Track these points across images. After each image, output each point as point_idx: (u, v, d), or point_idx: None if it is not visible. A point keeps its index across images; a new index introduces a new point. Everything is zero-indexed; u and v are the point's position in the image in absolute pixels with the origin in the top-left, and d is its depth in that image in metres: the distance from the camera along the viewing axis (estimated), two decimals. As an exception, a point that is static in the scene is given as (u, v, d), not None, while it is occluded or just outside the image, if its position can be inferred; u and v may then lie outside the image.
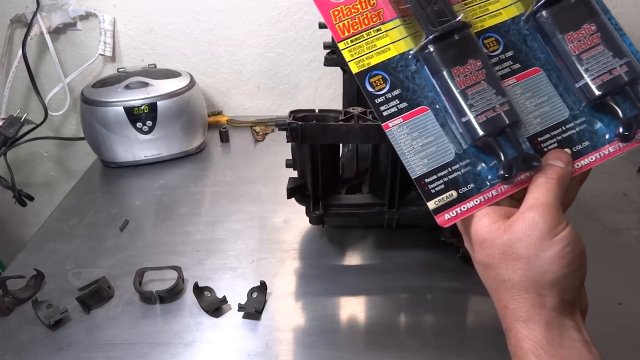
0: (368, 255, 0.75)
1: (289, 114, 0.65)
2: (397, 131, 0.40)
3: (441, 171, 0.39)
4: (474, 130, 0.38)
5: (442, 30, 0.38)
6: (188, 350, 0.59)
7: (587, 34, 0.39)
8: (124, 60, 1.16)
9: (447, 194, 0.39)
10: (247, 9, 1.10)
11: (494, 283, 0.37)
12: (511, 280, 0.36)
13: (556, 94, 0.40)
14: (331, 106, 1.18)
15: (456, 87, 0.38)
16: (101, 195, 0.93)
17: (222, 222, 0.82)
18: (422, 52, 0.39)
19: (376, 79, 0.40)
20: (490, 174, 0.39)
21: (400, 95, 0.40)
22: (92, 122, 0.96)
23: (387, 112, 0.40)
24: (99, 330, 0.62)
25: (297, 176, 0.72)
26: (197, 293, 0.65)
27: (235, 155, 1.07)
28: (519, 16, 0.41)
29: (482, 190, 0.39)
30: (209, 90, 1.20)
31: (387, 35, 0.41)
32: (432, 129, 0.40)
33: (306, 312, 0.65)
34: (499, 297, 0.37)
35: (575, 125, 0.40)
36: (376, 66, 0.40)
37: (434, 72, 0.39)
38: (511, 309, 0.36)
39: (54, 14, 1.08)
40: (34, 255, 0.75)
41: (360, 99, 0.81)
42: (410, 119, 0.40)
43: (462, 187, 0.39)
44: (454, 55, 0.38)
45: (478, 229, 0.38)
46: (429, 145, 0.39)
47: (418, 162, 0.39)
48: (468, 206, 0.39)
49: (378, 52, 0.40)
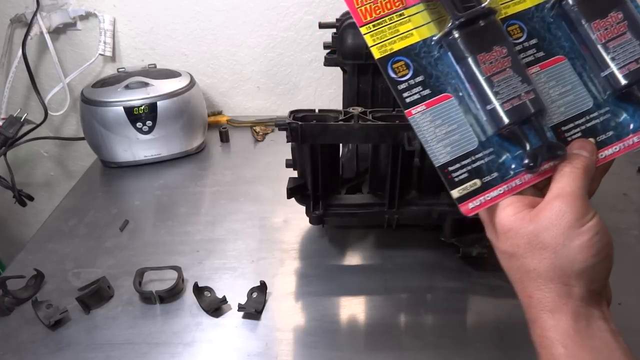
0: (368, 255, 0.74)
1: (289, 114, 0.65)
2: (420, 118, 0.39)
3: (464, 159, 0.39)
4: (499, 118, 0.37)
5: (468, 16, 0.38)
6: (188, 350, 0.59)
7: (613, 22, 0.38)
8: (124, 60, 1.16)
9: (470, 182, 0.38)
10: (247, 9, 1.10)
11: (518, 273, 0.37)
12: (537, 269, 0.35)
13: (580, 83, 0.40)
14: (331, 106, 1.17)
15: (482, 74, 0.38)
16: (101, 195, 0.93)
17: (222, 222, 0.82)
18: (447, 38, 0.39)
19: (399, 64, 0.40)
20: (514, 163, 0.39)
21: (423, 82, 0.39)
22: (92, 122, 0.96)
23: (410, 99, 0.39)
24: (98, 330, 0.62)
25: (297, 176, 0.72)
26: (197, 293, 0.65)
27: (235, 155, 1.07)
28: (543, 3, 0.41)
29: (506, 179, 0.38)
30: (209, 90, 1.20)
31: (410, 20, 0.40)
32: (456, 116, 0.39)
33: (306, 312, 0.65)
34: (524, 287, 0.37)
35: (599, 114, 0.40)
36: (399, 52, 0.40)
37: (459, 59, 0.39)
38: (536, 299, 0.36)
39: (54, 14, 1.08)
40: (33, 255, 0.75)
41: (360, 99, 0.81)
42: (434, 106, 0.39)
43: (486, 176, 0.38)
44: (479, 41, 0.38)
45: (502, 218, 0.37)
46: (453, 133, 0.39)
47: (441, 150, 0.39)
48: (492, 195, 0.38)
49: (401, 38, 0.40)
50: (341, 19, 0.80)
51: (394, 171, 0.66)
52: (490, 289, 0.67)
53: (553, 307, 0.35)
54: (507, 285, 0.67)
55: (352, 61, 0.78)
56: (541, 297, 0.36)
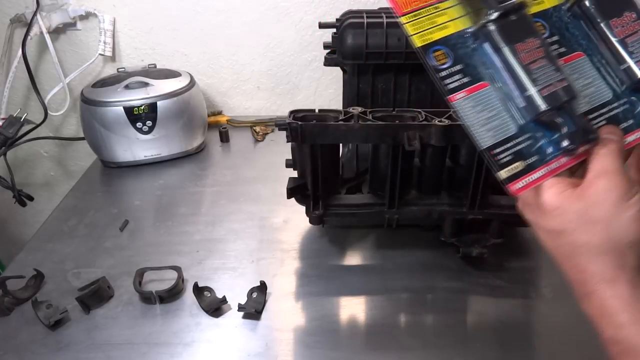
0: (368, 255, 0.74)
1: (289, 114, 0.65)
2: (463, 104, 0.41)
3: (507, 143, 0.41)
4: (537, 104, 0.39)
5: (504, 8, 0.40)
6: (187, 350, 0.59)
7: (629, 21, 0.42)
8: (124, 60, 1.16)
9: (514, 164, 0.40)
10: (247, 9, 1.10)
11: (569, 248, 0.38)
12: (590, 243, 0.37)
13: (599, 76, 0.43)
14: (331, 106, 1.18)
15: (520, 62, 0.40)
16: (101, 195, 0.93)
17: (222, 222, 0.82)
18: (484, 29, 0.41)
19: (439, 53, 0.42)
20: (551, 147, 0.41)
21: (462, 70, 0.41)
22: (92, 122, 0.96)
23: (451, 85, 0.41)
24: (98, 330, 0.62)
25: (297, 176, 0.72)
26: (196, 293, 0.65)
27: (235, 155, 1.07)
28: (559, 5, 0.44)
29: (545, 161, 0.40)
30: (209, 90, 1.20)
31: (445, 13, 0.42)
32: (494, 103, 0.41)
33: (306, 312, 0.65)
34: (576, 263, 0.38)
35: (619, 105, 0.42)
36: (438, 41, 0.42)
37: (497, 49, 0.41)
38: (591, 272, 0.37)
39: (53, 14, 1.08)
40: (33, 255, 0.75)
41: (360, 99, 0.81)
42: (473, 93, 0.41)
43: (527, 159, 0.40)
44: (515, 32, 0.40)
45: (549, 197, 0.39)
46: (493, 118, 0.41)
47: (485, 134, 0.40)
48: (535, 176, 0.40)
49: (439, 29, 0.42)
50: (341, 19, 0.79)
51: (394, 171, 0.66)
52: (490, 289, 0.67)
53: (610, 277, 0.36)
54: (507, 285, 0.68)
55: (352, 61, 0.78)
56: (596, 269, 0.37)
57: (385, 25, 0.75)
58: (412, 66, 0.78)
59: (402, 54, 0.76)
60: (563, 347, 0.59)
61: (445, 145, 0.64)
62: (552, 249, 0.40)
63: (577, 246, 0.38)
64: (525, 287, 0.68)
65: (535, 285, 0.69)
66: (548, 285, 0.68)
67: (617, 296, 0.36)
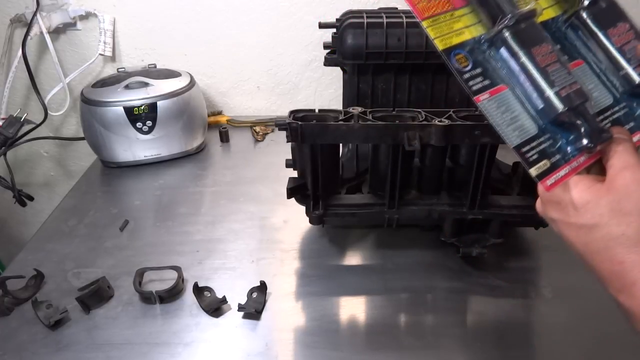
0: (368, 255, 0.74)
1: (289, 114, 0.65)
2: (488, 104, 0.42)
3: (531, 142, 0.42)
4: (557, 105, 0.41)
5: (520, 14, 0.42)
6: (187, 350, 0.59)
7: (623, 31, 0.44)
8: (124, 60, 1.16)
9: (542, 162, 0.41)
10: (247, 9, 1.10)
11: (603, 242, 0.38)
12: (625, 234, 0.37)
13: (600, 82, 0.45)
14: (331, 106, 1.18)
15: (537, 65, 0.41)
16: (101, 195, 0.93)
17: (222, 222, 0.82)
18: (500, 35, 0.42)
19: (460, 57, 0.43)
20: (569, 147, 0.42)
21: (482, 73, 0.43)
22: (92, 122, 0.96)
23: (475, 87, 0.42)
24: (98, 330, 0.62)
25: (297, 176, 0.72)
26: (197, 293, 0.65)
27: (235, 155, 1.07)
28: (557, 17, 0.46)
29: (567, 161, 0.42)
30: (209, 90, 1.20)
31: (460, 20, 0.44)
32: (514, 105, 0.43)
33: (306, 312, 0.65)
34: (612, 255, 0.38)
35: (619, 108, 0.45)
36: (457, 45, 0.43)
37: (514, 53, 0.42)
38: (630, 262, 0.37)
39: (53, 14, 1.08)
40: (33, 255, 0.75)
41: (360, 99, 0.81)
42: (495, 94, 0.42)
43: (552, 158, 0.42)
44: (530, 37, 0.42)
45: (578, 192, 0.39)
46: (516, 119, 0.42)
47: (512, 133, 0.42)
48: (561, 174, 0.41)
49: (456, 34, 0.43)
50: (341, 19, 0.80)
51: (394, 171, 0.66)
52: (490, 289, 0.67)
53: None
54: (507, 285, 0.68)
55: (352, 61, 0.78)
56: (635, 259, 0.36)
57: (385, 25, 0.75)
58: (412, 66, 0.78)
59: (402, 54, 0.76)
60: (563, 347, 0.59)
61: (445, 145, 0.64)
62: (582, 246, 0.40)
63: (612, 238, 0.37)
64: (525, 287, 0.68)
65: (535, 285, 0.69)
66: (548, 285, 0.68)
67: None
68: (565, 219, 0.41)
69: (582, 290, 0.65)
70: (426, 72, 0.79)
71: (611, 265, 0.38)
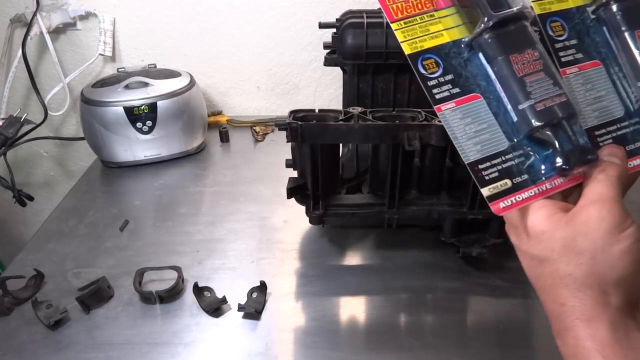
0: (368, 255, 0.74)
1: (289, 113, 0.65)
2: (450, 115, 0.39)
3: (495, 159, 0.38)
4: (530, 119, 0.37)
5: (501, 16, 0.38)
6: (187, 350, 0.59)
7: None
8: (124, 60, 1.16)
9: (501, 182, 0.38)
10: (247, 9, 1.10)
11: (550, 279, 0.35)
12: (572, 275, 0.34)
13: (613, 90, 0.40)
14: (331, 106, 1.18)
15: (514, 74, 0.38)
16: (101, 195, 0.93)
17: (222, 222, 0.82)
18: (479, 38, 0.39)
19: (429, 62, 0.40)
20: (544, 167, 0.38)
21: (452, 81, 0.40)
22: (92, 122, 0.96)
23: (440, 95, 0.39)
24: (98, 330, 0.62)
25: (297, 176, 0.72)
26: (197, 293, 0.65)
27: (235, 155, 1.07)
28: (584, 6, 0.41)
29: (537, 182, 0.38)
30: (209, 90, 1.20)
31: (440, 21, 0.40)
32: (485, 116, 0.39)
33: (306, 312, 0.65)
34: (555, 295, 0.35)
35: (629, 124, 0.40)
36: (429, 50, 0.40)
37: (491, 59, 0.39)
38: (570, 307, 0.34)
39: (53, 13, 1.08)
40: (33, 255, 0.75)
41: (360, 99, 0.81)
42: (463, 104, 0.39)
43: (516, 177, 0.38)
44: (511, 43, 0.38)
45: (536, 220, 0.36)
46: (482, 132, 0.39)
47: (471, 148, 0.38)
48: (523, 196, 0.38)
49: (431, 37, 0.40)
50: (341, 19, 0.79)
51: (394, 171, 0.66)
52: (490, 289, 0.67)
53: (590, 315, 0.33)
54: (507, 285, 0.68)
55: (352, 61, 0.78)
56: (576, 304, 0.34)
57: (385, 25, 0.75)
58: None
59: (402, 54, 0.76)
60: (563, 347, 0.59)
61: (445, 145, 0.64)
62: (532, 277, 0.37)
63: (559, 277, 0.35)
64: (525, 287, 0.68)
65: (535, 285, 0.69)
66: (548, 285, 0.68)
67: (595, 337, 0.33)
68: (520, 245, 0.38)
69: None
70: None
71: (553, 304, 0.35)
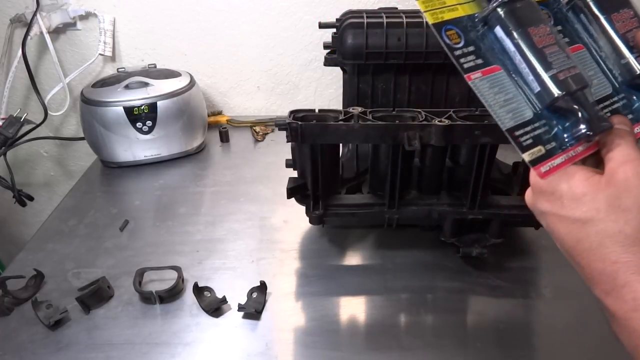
0: (368, 255, 0.74)
1: (289, 114, 0.65)
2: (480, 84, 0.39)
3: (526, 127, 0.39)
4: (552, 89, 0.38)
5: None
6: (187, 350, 0.59)
7: (627, 17, 0.42)
8: (124, 60, 1.16)
9: (536, 148, 0.39)
10: (247, 9, 1.10)
11: (597, 238, 0.35)
12: (623, 231, 0.34)
13: (599, 70, 0.43)
14: (331, 106, 1.18)
15: (534, 46, 0.39)
16: (101, 195, 0.93)
17: (222, 222, 0.82)
18: (494, 12, 0.40)
19: (451, 32, 0.40)
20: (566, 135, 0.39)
21: (475, 52, 0.40)
22: (92, 122, 0.96)
23: (467, 65, 0.40)
24: (98, 330, 0.62)
25: (297, 176, 0.72)
26: (196, 293, 0.65)
27: (235, 155, 1.07)
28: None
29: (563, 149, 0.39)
30: (209, 90, 1.20)
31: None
32: (508, 87, 0.40)
33: (306, 312, 0.65)
34: (605, 254, 0.35)
35: (618, 99, 0.42)
36: (449, 21, 0.41)
37: (511, 31, 0.40)
38: (624, 263, 0.34)
39: (53, 14, 1.08)
40: (33, 255, 0.75)
41: (360, 99, 0.81)
42: (488, 75, 0.40)
43: (547, 145, 0.39)
44: (527, 17, 0.40)
45: (574, 184, 0.37)
46: (510, 101, 0.40)
47: (505, 115, 0.39)
48: (556, 162, 0.38)
49: (449, 9, 0.41)
50: (341, 19, 0.80)
51: (394, 171, 0.66)
52: (490, 289, 0.67)
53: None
54: (507, 285, 0.68)
55: (352, 61, 0.78)
56: (630, 259, 0.34)
57: (385, 25, 0.75)
58: (412, 66, 0.78)
59: (402, 54, 0.76)
60: (563, 347, 0.59)
61: (445, 145, 0.64)
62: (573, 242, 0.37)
63: (608, 235, 0.35)
64: (525, 287, 0.68)
65: (535, 285, 0.69)
66: (548, 285, 0.68)
67: None
68: (557, 211, 0.38)
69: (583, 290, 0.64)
70: (426, 72, 0.79)
71: (603, 264, 0.35)
